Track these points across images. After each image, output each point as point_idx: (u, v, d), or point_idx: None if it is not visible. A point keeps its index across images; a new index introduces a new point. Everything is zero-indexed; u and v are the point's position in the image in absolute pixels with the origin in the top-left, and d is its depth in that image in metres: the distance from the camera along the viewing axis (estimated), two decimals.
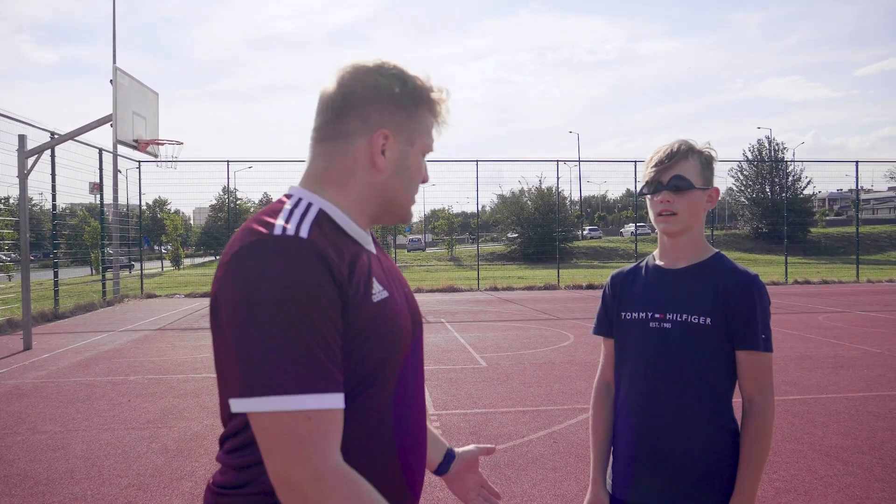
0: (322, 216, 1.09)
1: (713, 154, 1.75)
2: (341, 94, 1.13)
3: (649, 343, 1.67)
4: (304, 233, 1.01)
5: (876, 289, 18.45)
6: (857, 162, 21.98)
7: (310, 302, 0.96)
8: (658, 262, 1.76)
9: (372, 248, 1.19)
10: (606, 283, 1.87)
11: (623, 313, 1.76)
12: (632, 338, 1.72)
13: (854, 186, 23.31)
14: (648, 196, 1.74)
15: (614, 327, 1.79)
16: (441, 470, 1.48)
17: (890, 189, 68.46)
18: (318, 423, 0.95)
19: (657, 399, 1.65)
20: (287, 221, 1.03)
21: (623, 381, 1.74)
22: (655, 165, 1.70)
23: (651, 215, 1.75)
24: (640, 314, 1.71)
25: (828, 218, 54.68)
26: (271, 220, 1.03)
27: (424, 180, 1.23)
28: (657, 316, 1.68)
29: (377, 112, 1.12)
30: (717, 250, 1.74)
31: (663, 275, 1.73)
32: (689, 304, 1.64)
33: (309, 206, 1.10)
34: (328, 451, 0.96)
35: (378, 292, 1.09)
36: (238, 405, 0.96)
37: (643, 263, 1.82)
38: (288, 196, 1.13)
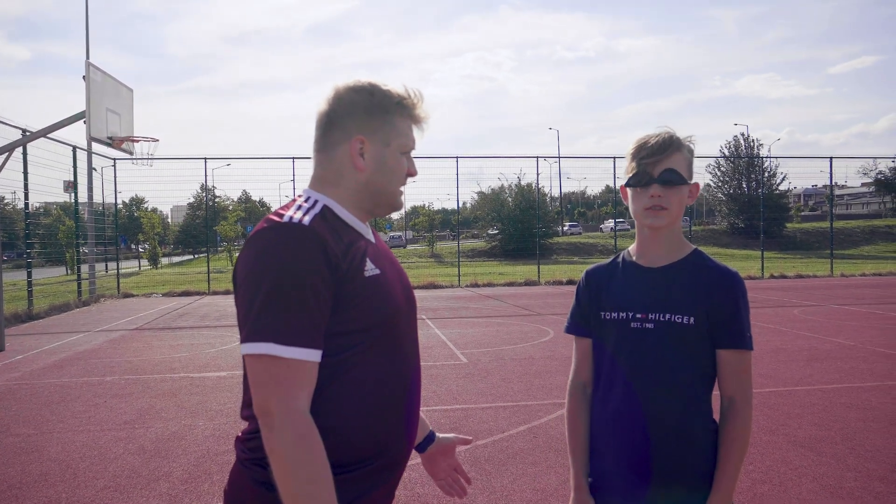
0: (326, 210, 1.35)
1: (693, 147, 1.69)
2: (326, 114, 1.40)
3: (630, 344, 1.62)
4: (306, 221, 1.28)
5: (849, 283, 18.78)
6: (831, 158, 22.36)
7: (304, 274, 1.22)
8: (636, 259, 1.70)
9: (370, 237, 1.45)
10: (581, 281, 1.79)
11: (602, 313, 1.69)
12: (612, 339, 1.65)
13: (828, 182, 23.68)
14: (633, 189, 1.64)
15: (593, 327, 1.72)
16: (420, 448, 1.69)
17: (863, 185, 69.70)
18: (294, 371, 1.21)
19: (640, 401, 1.59)
20: (296, 212, 1.31)
21: (602, 383, 1.68)
22: (646, 157, 1.60)
23: (633, 209, 1.65)
24: (621, 314, 1.64)
25: (803, 213, 55.55)
26: (284, 212, 1.32)
27: (411, 174, 1.45)
28: (638, 316, 1.62)
29: (353, 123, 1.37)
30: (694, 247, 1.68)
31: (643, 273, 1.66)
32: (672, 304, 1.59)
33: (315, 202, 1.37)
34: (298, 394, 1.21)
35: (370, 269, 1.33)
36: (242, 349, 1.22)
37: (619, 260, 1.75)
38: (301, 195, 1.42)
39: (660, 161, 1.60)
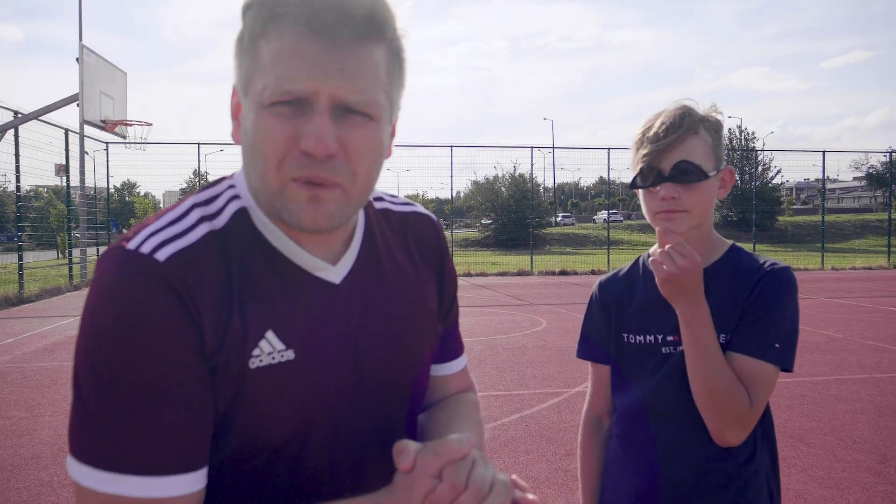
0: (241, 216, 0.81)
1: (721, 119, 1.31)
2: None
3: (663, 372, 1.32)
4: (162, 254, 0.73)
5: (840, 276, 18.89)
6: (823, 152, 22.44)
7: (152, 350, 0.70)
8: None
9: (329, 273, 0.83)
10: (594, 295, 1.47)
11: (625, 335, 1.38)
12: (639, 366, 1.36)
13: (820, 176, 23.77)
14: (643, 189, 1.31)
15: (613, 351, 1.41)
16: None
17: (854, 179, 70.10)
18: None
19: (674, 440, 1.31)
20: (166, 227, 0.76)
21: (626, 417, 1.39)
22: (652, 147, 1.26)
23: (645, 212, 1.32)
24: (649, 337, 1.34)
25: (795, 207, 55.88)
26: (148, 223, 0.78)
27: (306, 149, 0.72)
28: (670, 339, 1.31)
29: (234, 67, 0.79)
30: (731, 243, 1.36)
31: None
32: None
33: (231, 199, 0.82)
34: None
35: (266, 353, 0.76)
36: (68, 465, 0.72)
37: (639, 269, 1.42)
38: (225, 180, 0.85)
39: (670, 151, 1.25)
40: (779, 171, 42.09)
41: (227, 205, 0.81)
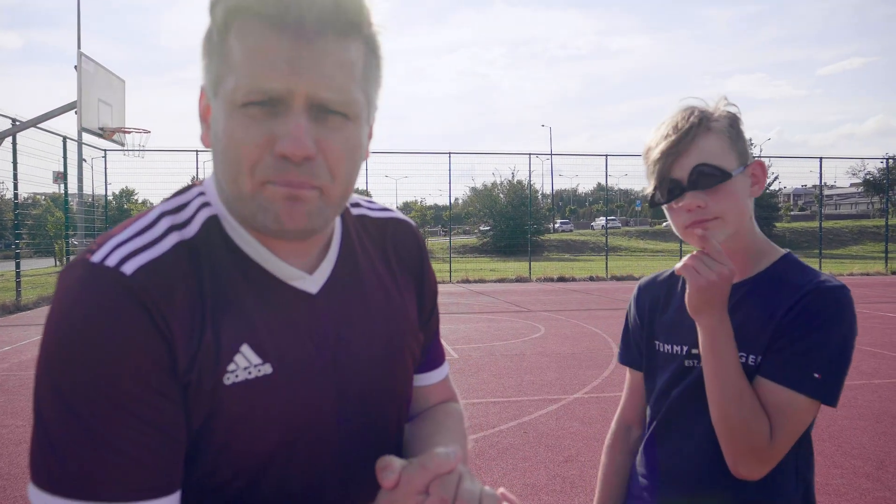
0: (212, 224, 0.77)
1: (737, 113, 1.19)
2: None
3: (682, 386, 1.22)
4: (129, 267, 0.69)
5: None
6: (821, 158, 22.53)
7: (119, 369, 0.66)
8: None
9: (305, 283, 0.80)
10: (632, 297, 1.40)
11: (657, 342, 1.30)
12: (663, 376, 1.26)
13: (818, 182, 23.82)
14: (665, 205, 1.19)
15: (645, 358, 1.33)
16: None
17: (852, 185, 70.29)
18: None
19: (679, 460, 1.22)
20: (129, 237, 0.72)
21: (648, 432, 1.31)
22: (662, 157, 1.15)
23: (674, 227, 1.20)
24: (675, 347, 1.24)
25: (792, 213, 55.98)
26: (114, 233, 0.74)
27: (283, 153, 0.68)
28: (694, 352, 1.20)
29: (202, 67, 0.75)
30: (785, 252, 1.21)
31: None
32: (736, 337, 1.14)
33: (201, 207, 0.78)
34: None
35: (242, 368, 0.73)
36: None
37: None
38: (196, 184, 0.82)
39: (683, 156, 1.13)
40: (776, 178, 42.16)
41: (198, 213, 0.77)
